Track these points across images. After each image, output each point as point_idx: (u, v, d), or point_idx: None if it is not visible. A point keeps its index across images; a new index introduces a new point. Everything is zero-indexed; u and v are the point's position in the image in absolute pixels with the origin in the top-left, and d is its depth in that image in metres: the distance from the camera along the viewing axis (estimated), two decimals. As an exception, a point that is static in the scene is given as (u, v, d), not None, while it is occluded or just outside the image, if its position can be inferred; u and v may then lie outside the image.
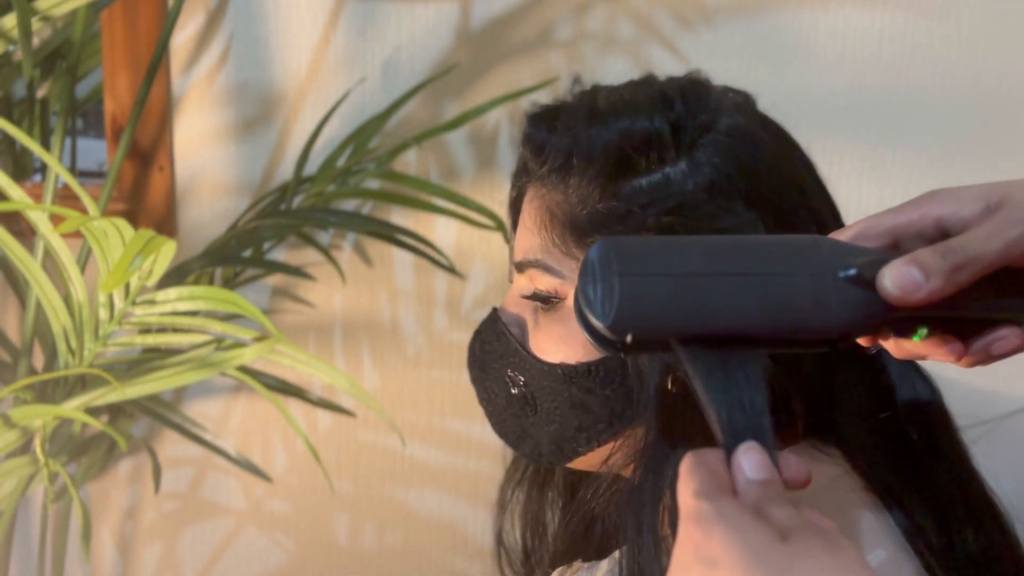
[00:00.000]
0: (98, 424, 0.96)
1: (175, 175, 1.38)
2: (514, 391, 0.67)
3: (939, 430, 0.64)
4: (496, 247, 1.37)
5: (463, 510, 1.47)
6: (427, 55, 1.32)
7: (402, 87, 1.31)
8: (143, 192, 1.37)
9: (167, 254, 0.90)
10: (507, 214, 0.73)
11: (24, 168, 1.44)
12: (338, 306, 1.42)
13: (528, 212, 0.67)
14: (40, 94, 1.33)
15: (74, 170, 1.42)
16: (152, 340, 1.05)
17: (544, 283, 0.65)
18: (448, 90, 1.33)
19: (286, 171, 1.37)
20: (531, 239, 0.66)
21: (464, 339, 0.72)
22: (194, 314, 1.01)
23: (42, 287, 1.02)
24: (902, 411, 0.63)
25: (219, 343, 1.05)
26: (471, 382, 0.72)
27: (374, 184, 1.33)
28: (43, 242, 1.04)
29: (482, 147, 1.35)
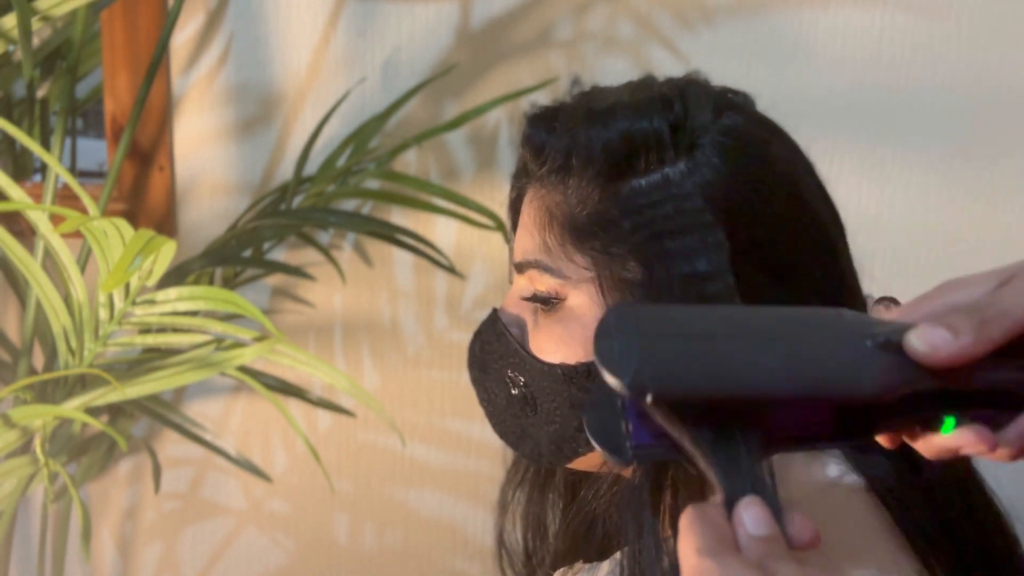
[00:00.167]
0: (98, 424, 0.96)
1: (175, 175, 1.38)
2: (514, 391, 0.67)
3: None
4: (496, 247, 1.37)
5: (463, 510, 1.47)
6: (427, 55, 1.32)
7: (402, 87, 1.31)
8: (143, 192, 1.37)
9: (167, 254, 0.90)
10: (507, 214, 0.73)
11: (24, 168, 1.44)
12: (338, 306, 1.42)
13: (527, 213, 0.67)
14: (40, 94, 1.33)
15: (74, 170, 1.42)
16: (152, 340, 1.05)
17: (544, 283, 0.65)
18: (448, 90, 1.33)
19: (286, 171, 1.37)
20: (530, 240, 0.66)
21: (464, 339, 0.72)
22: (194, 314, 1.01)
23: (42, 287, 1.01)
24: None
25: (219, 343, 1.05)
26: (471, 383, 0.72)
27: (374, 184, 1.33)
28: (43, 242, 1.04)
29: (482, 147, 1.35)
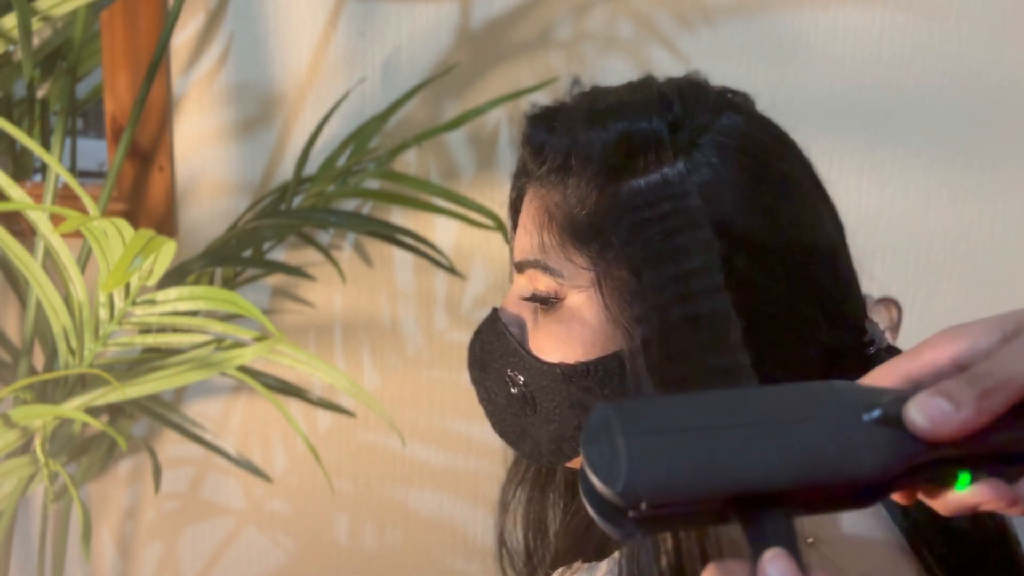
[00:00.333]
0: (98, 424, 0.96)
1: (175, 175, 1.38)
2: (514, 391, 0.67)
3: None
4: (496, 247, 1.37)
5: (463, 510, 1.47)
6: (427, 55, 1.32)
7: (402, 87, 1.31)
8: (143, 192, 1.37)
9: (167, 254, 0.90)
10: (507, 214, 0.73)
11: (24, 168, 1.44)
12: (338, 306, 1.42)
13: (527, 213, 0.67)
14: (40, 94, 1.33)
15: (74, 170, 1.42)
16: (152, 340, 1.05)
17: (543, 283, 0.65)
18: (448, 90, 1.33)
19: (286, 171, 1.37)
20: (530, 239, 0.66)
21: (464, 339, 0.72)
22: (194, 314, 1.01)
23: (42, 287, 1.02)
24: None
25: (219, 343, 1.05)
26: (471, 382, 0.72)
27: (374, 184, 1.33)
28: (43, 242, 1.04)
29: (482, 147, 1.35)
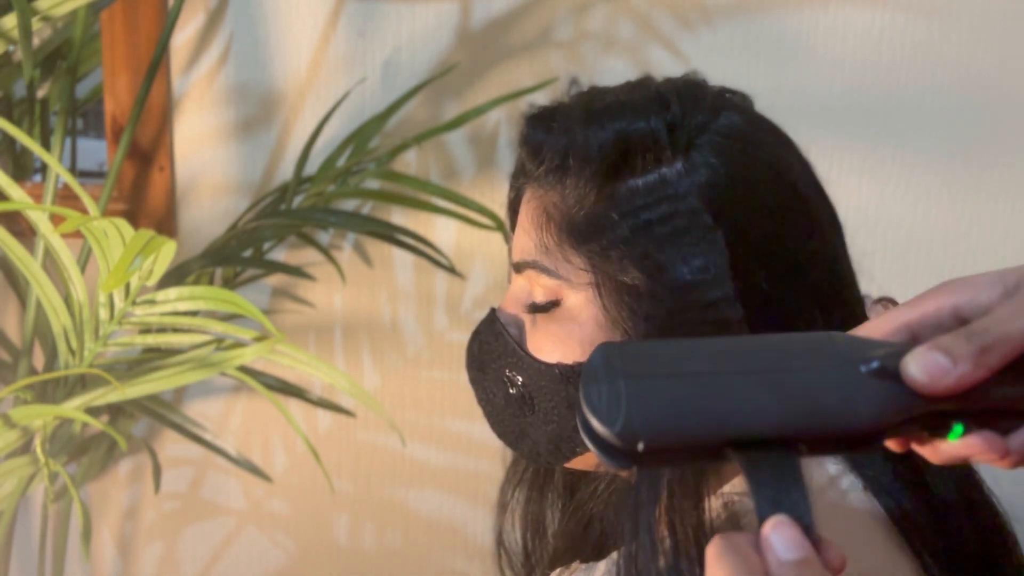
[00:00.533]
0: (98, 424, 0.96)
1: (175, 175, 1.38)
2: (512, 391, 0.67)
3: None
4: (496, 247, 1.37)
5: (463, 510, 1.47)
6: (427, 55, 1.32)
7: (402, 87, 1.31)
8: (143, 192, 1.37)
9: (167, 254, 0.90)
10: (506, 215, 0.73)
11: (24, 168, 1.44)
12: (338, 306, 1.42)
13: (525, 213, 0.67)
14: (40, 94, 1.33)
15: (74, 170, 1.42)
16: (152, 340, 1.05)
17: (541, 283, 0.65)
18: (448, 90, 1.33)
19: (286, 171, 1.37)
20: (528, 240, 0.66)
21: (464, 339, 0.72)
22: (194, 314, 1.01)
23: (42, 287, 1.02)
24: None
25: (219, 343, 1.05)
26: (470, 382, 0.72)
27: (374, 184, 1.33)
28: (43, 242, 1.04)
29: (482, 147, 1.35)
